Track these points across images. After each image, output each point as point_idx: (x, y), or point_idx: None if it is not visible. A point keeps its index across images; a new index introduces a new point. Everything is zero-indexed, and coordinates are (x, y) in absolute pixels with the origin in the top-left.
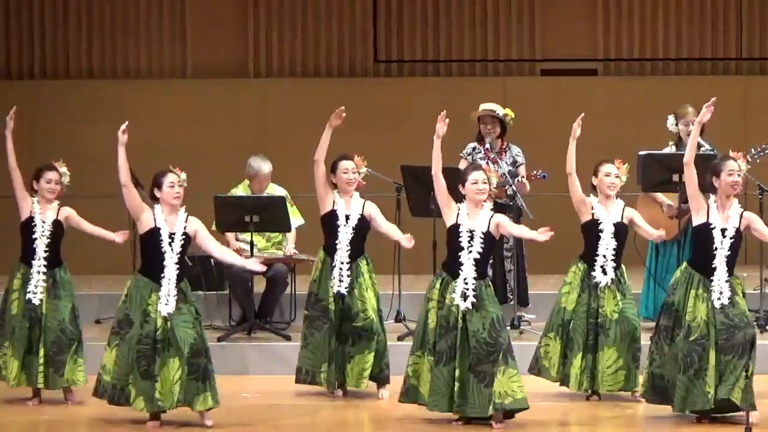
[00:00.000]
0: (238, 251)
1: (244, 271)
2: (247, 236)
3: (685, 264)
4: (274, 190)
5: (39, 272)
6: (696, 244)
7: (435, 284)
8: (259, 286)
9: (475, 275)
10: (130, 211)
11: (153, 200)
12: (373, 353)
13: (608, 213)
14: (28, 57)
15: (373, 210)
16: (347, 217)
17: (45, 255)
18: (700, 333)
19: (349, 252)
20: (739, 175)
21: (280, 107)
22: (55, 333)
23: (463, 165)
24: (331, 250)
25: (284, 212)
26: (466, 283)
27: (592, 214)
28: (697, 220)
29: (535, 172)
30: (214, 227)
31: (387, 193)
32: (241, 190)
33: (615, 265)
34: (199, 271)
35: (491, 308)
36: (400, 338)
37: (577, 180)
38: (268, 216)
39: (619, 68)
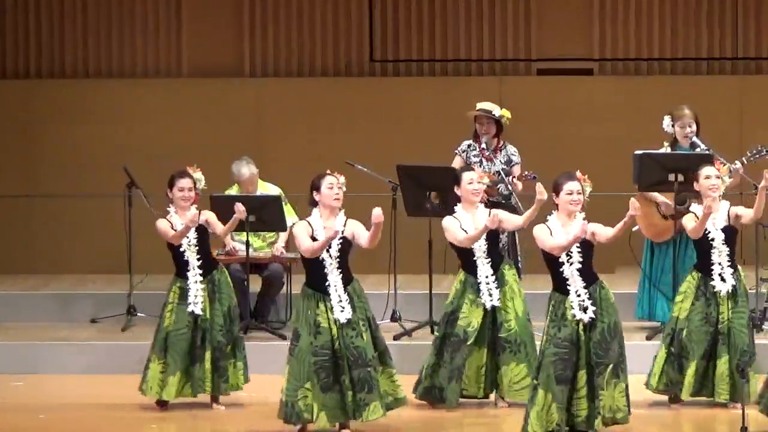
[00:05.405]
0: (234, 251)
1: (238, 271)
2: (243, 236)
3: None
4: (268, 189)
5: (196, 282)
6: None
7: (549, 306)
8: (255, 286)
9: (585, 284)
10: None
11: (312, 205)
12: (524, 363)
13: (714, 219)
14: (23, 56)
15: (500, 212)
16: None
17: (198, 264)
18: None
19: (489, 263)
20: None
21: (275, 106)
22: (216, 338)
23: (457, 161)
24: (470, 267)
25: (280, 212)
26: (579, 295)
27: None
28: None
29: (526, 173)
30: None
31: (383, 192)
32: (235, 191)
33: (732, 270)
34: None
35: (605, 317)
36: (396, 338)
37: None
38: (263, 215)
39: (615, 68)
